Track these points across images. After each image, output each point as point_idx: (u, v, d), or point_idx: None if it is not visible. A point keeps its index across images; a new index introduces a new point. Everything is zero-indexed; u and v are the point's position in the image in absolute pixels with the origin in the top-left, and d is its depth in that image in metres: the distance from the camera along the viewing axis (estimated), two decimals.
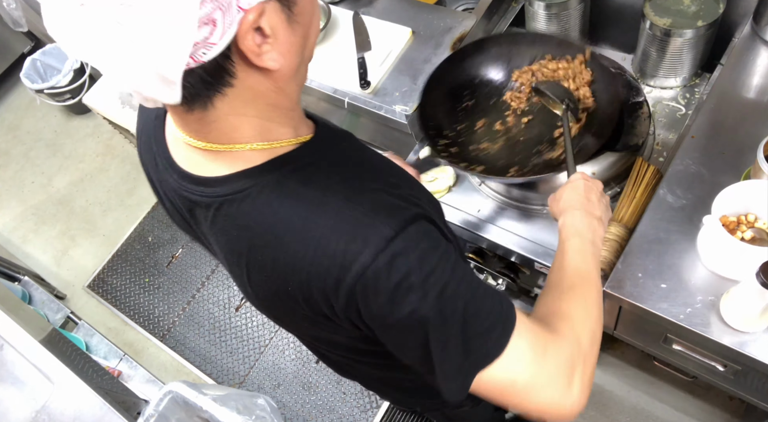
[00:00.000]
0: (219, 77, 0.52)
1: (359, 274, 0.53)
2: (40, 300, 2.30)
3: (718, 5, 1.16)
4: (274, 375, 2.09)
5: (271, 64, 0.52)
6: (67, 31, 0.47)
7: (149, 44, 0.46)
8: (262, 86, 0.55)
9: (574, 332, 0.64)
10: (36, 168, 2.92)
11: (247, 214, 0.58)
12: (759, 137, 0.93)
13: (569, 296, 0.70)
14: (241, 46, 0.50)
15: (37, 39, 3.09)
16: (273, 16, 0.50)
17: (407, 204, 0.57)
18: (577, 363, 0.62)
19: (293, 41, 0.54)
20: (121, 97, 1.75)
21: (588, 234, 0.79)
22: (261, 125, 0.58)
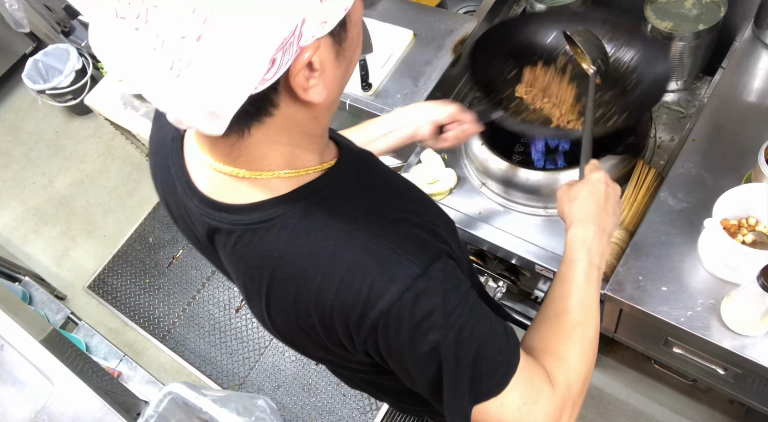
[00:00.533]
0: (262, 108, 0.52)
1: (383, 311, 0.54)
2: (41, 301, 2.30)
3: (719, 9, 1.16)
4: (274, 377, 2.08)
5: (315, 98, 0.52)
6: (113, 52, 0.45)
7: (208, 82, 0.44)
8: (299, 116, 0.55)
9: (568, 380, 0.65)
10: (37, 169, 2.92)
11: (271, 244, 0.57)
12: (760, 141, 0.94)
13: (569, 336, 0.70)
14: (292, 82, 0.50)
15: (39, 40, 3.09)
16: (324, 51, 0.51)
17: (431, 236, 0.58)
18: (566, 410, 0.64)
19: (337, 75, 0.55)
20: (123, 99, 1.75)
21: (596, 258, 0.76)
22: (290, 153, 0.57)
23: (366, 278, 0.54)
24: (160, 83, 0.45)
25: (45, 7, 2.28)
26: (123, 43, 0.44)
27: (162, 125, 0.70)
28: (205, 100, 0.46)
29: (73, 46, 2.64)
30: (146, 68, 0.44)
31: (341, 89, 0.58)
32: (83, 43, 2.51)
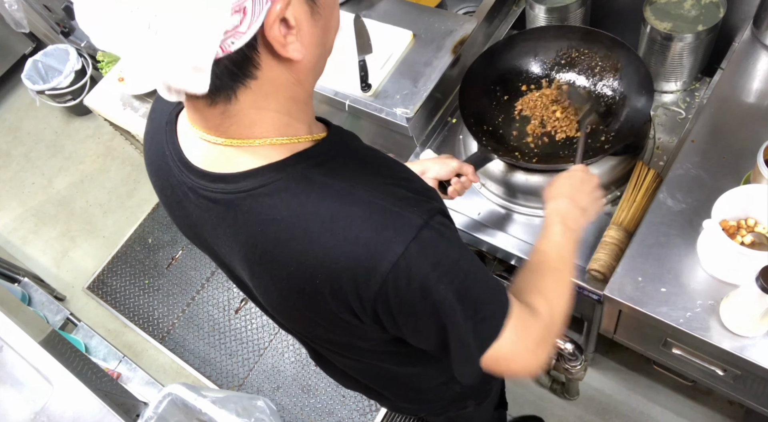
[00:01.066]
0: (245, 68, 0.53)
1: (393, 263, 0.55)
2: (40, 302, 2.29)
3: (718, 10, 1.16)
4: (274, 378, 2.08)
5: (295, 55, 0.54)
6: (97, 23, 0.48)
7: (182, 33, 0.46)
8: (283, 78, 0.56)
9: (549, 311, 0.72)
10: (36, 169, 2.92)
11: (273, 207, 0.57)
12: (759, 142, 0.94)
13: (549, 277, 0.78)
14: (268, 36, 0.51)
15: (39, 40, 3.09)
16: (297, 7, 0.52)
17: (425, 198, 0.60)
18: (548, 336, 0.71)
19: (315, 33, 0.56)
20: (122, 99, 1.75)
21: (570, 223, 0.86)
22: (280, 120, 0.59)
23: (372, 232, 0.55)
24: (143, 44, 0.47)
25: (44, 8, 2.28)
26: (105, 12, 0.47)
27: (156, 116, 0.72)
28: (183, 54, 0.48)
29: (73, 47, 2.64)
30: (128, 32, 0.47)
31: (322, 49, 0.59)
32: (83, 44, 2.51)
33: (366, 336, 0.68)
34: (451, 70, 1.31)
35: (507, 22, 1.46)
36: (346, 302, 0.59)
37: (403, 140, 1.34)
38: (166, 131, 0.68)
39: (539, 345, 0.69)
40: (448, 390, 0.95)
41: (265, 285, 0.63)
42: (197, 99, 0.55)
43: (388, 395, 0.98)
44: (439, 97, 1.33)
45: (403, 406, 1.06)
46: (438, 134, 1.36)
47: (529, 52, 1.27)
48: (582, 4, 1.29)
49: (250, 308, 2.24)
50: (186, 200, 0.66)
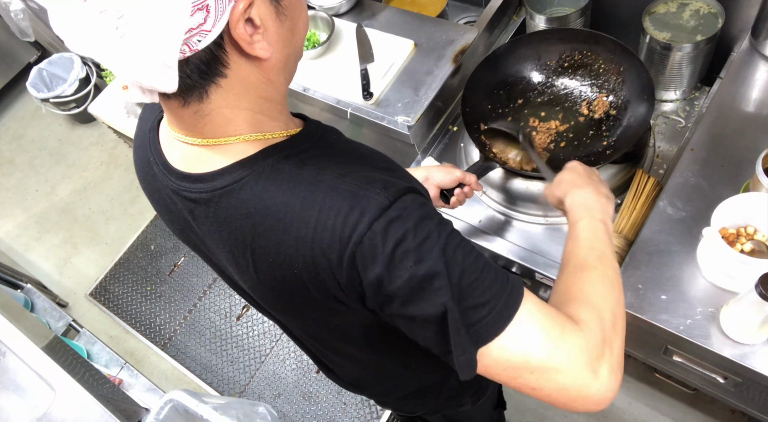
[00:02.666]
0: (213, 66, 0.54)
1: (356, 243, 0.55)
2: (42, 308, 2.30)
3: (716, 20, 1.18)
4: (275, 385, 2.08)
5: (261, 53, 0.55)
6: (69, 27, 0.50)
7: (146, 29, 0.48)
8: (253, 77, 0.58)
9: (594, 315, 0.61)
10: (40, 176, 2.94)
11: (246, 202, 0.59)
12: (758, 150, 0.94)
13: (586, 278, 0.67)
14: (234, 34, 0.52)
15: (44, 49, 3.12)
16: (262, 7, 0.54)
17: (400, 180, 0.59)
18: (603, 347, 0.58)
19: (281, 33, 0.57)
20: (126, 107, 1.76)
21: (598, 213, 0.77)
22: (253, 118, 0.60)
23: (338, 216, 0.55)
24: (111, 46, 0.49)
25: None
26: (76, 16, 0.49)
27: (142, 125, 0.73)
28: (148, 52, 0.49)
29: (77, 55, 2.67)
30: (97, 35, 0.49)
31: (290, 50, 0.60)
32: None
33: (359, 320, 0.67)
34: (452, 79, 1.33)
35: (507, 31, 1.48)
36: (326, 288, 0.59)
37: (405, 147, 1.35)
38: (149, 138, 0.70)
39: (595, 358, 0.57)
40: (445, 385, 0.95)
41: (251, 280, 0.64)
42: (171, 99, 0.57)
43: (386, 393, 0.98)
44: (440, 105, 1.34)
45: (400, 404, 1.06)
46: (439, 142, 1.37)
47: (532, 55, 1.27)
48: (582, 13, 1.30)
49: (251, 315, 2.25)
50: (172, 203, 0.68)
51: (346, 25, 1.49)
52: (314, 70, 1.43)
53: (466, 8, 1.71)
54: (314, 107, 1.43)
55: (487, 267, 0.58)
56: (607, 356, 0.58)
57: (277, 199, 0.57)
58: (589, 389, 0.56)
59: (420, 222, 0.55)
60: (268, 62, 0.58)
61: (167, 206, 0.69)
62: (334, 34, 1.45)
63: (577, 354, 0.56)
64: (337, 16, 1.51)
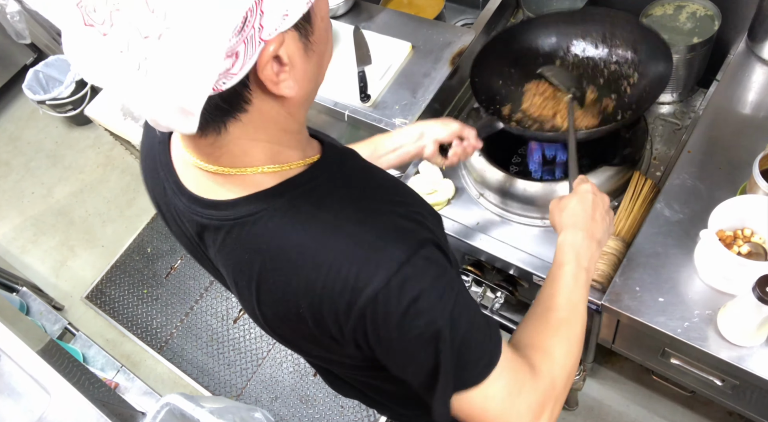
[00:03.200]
0: (235, 104, 0.53)
1: (371, 298, 0.54)
2: (38, 311, 2.29)
3: (713, 22, 1.18)
4: (272, 388, 2.08)
5: (287, 92, 0.53)
6: (86, 59, 0.47)
7: (173, 77, 0.46)
8: (274, 111, 0.56)
9: (552, 373, 0.66)
10: (36, 179, 2.93)
11: (259, 237, 0.58)
12: (754, 152, 0.94)
13: (555, 332, 0.71)
14: (261, 76, 0.51)
15: (40, 51, 3.11)
16: (291, 44, 0.51)
17: (416, 225, 0.59)
18: (548, 403, 0.65)
19: (308, 69, 0.56)
20: (122, 109, 1.76)
21: (584, 261, 0.79)
22: (271, 149, 0.59)
23: (353, 266, 0.55)
24: (131, 84, 0.47)
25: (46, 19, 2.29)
26: (93, 50, 0.46)
27: (150, 130, 0.72)
28: (173, 97, 0.47)
29: None
30: (117, 71, 0.46)
31: (314, 85, 0.59)
32: None
33: (351, 356, 0.67)
34: (450, 81, 1.33)
35: None
36: (328, 330, 0.59)
37: None
38: (159, 150, 0.68)
39: (537, 414, 0.63)
40: None
41: (252, 308, 0.64)
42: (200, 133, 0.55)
43: (384, 403, 0.97)
44: (437, 107, 1.34)
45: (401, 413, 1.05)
46: None
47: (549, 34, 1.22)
48: None
49: (248, 318, 2.24)
50: (180, 222, 0.67)
51: (344, 27, 1.49)
52: None
53: (463, 10, 1.71)
54: (312, 110, 1.43)
55: (482, 326, 0.62)
56: (548, 411, 0.65)
57: (292, 240, 0.57)
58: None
59: (435, 281, 0.57)
60: (293, 99, 0.56)
61: (175, 220, 0.68)
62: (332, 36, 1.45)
63: (526, 412, 0.63)
64: (334, 19, 1.51)
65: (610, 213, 0.88)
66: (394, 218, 0.59)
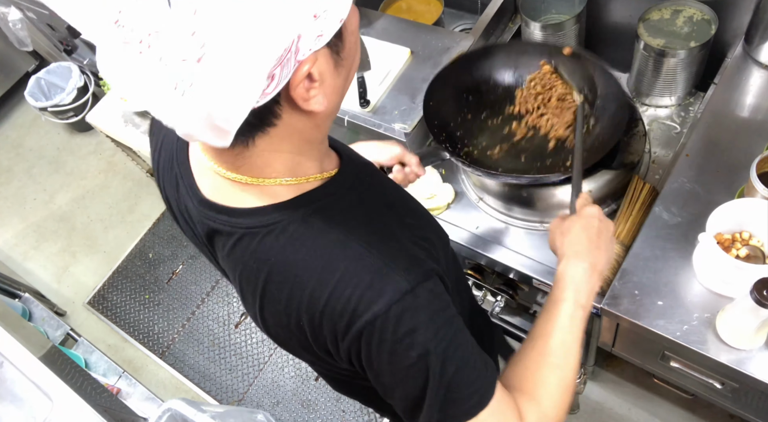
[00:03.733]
0: (265, 119, 0.54)
1: (369, 322, 0.55)
2: (40, 317, 2.30)
3: (710, 26, 1.18)
4: (273, 393, 2.08)
5: (316, 108, 0.54)
6: (121, 76, 0.47)
7: (212, 99, 0.46)
8: (301, 124, 0.57)
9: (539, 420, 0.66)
10: (38, 185, 2.94)
11: (268, 249, 0.59)
12: (752, 156, 0.95)
13: (546, 379, 0.70)
14: (293, 94, 0.52)
15: (42, 58, 3.13)
16: (323, 62, 0.52)
17: (424, 254, 0.60)
18: None
19: (337, 84, 0.57)
20: (123, 116, 1.77)
21: (583, 298, 0.75)
22: (292, 160, 0.59)
23: (356, 289, 0.56)
24: (166, 102, 0.47)
25: (48, 26, 2.31)
26: (129, 67, 0.46)
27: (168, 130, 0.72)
28: (209, 117, 0.48)
29: (75, 64, 2.67)
30: (152, 89, 0.46)
31: (341, 97, 0.60)
32: (85, 62, 2.54)
33: (346, 369, 0.68)
34: None
35: (503, 38, 1.48)
36: (324, 345, 0.61)
37: None
38: (177, 146, 0.69)
39: None
40: None
41: (255, 313, 0.65)
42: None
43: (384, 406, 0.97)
44: None
45: None
46: None
47: (509, 64, 1.20)
48: (577, 21, 1.31)
49: (250, 322, 2.24)
50: (189, 220, 0.68)
51: None
52: None
53: (462, 16, 1.72)
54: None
55: (477, 365, 0.61)
56: None
57: (300, 255, 0.58)
58: None
59: (434, 316, 0.57)
60: (321, 113, 0.57)
61: (184, 218, 0.69)
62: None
63: None
64: None
65: (613, 240, 0.84)
66: (403, 242, 0.60)
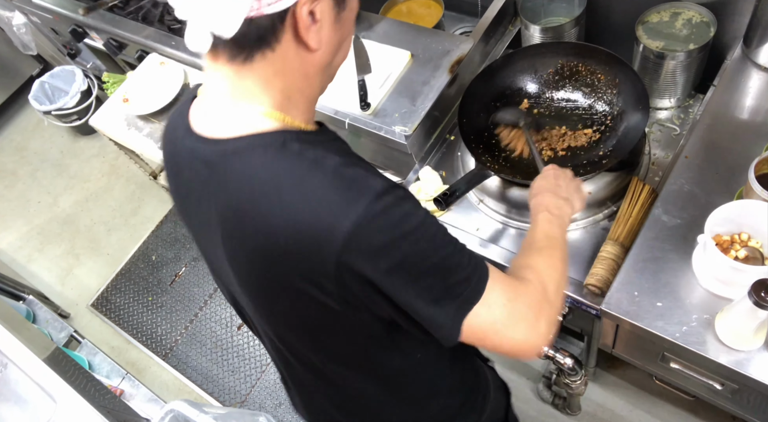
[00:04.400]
0: (267, 36, 0.60)
1: (354, 222, 0.58)
2: (44, 319, 2.31)
3: (708, 29, 1.19)
4: (276, 394, 2.08)
5: (312, 42, 0.61)
6: None
7: None
8: (295, 63, 0.63)
9: (540, 280, 0.72)
10: (42, 188, 2.96)
11: (248, 164, 0.63)
12: (751, 157, 0.95)
13: (537, 253, 0.79)
14: (297, 13, 0.59)
15: (46, 62, 3.15)
16: (326, 7, 0.61)
17: None
18: (543, 304, 0.69)
19: (332, 38, 0.65)
20: (126, 119, 1.78)
21: (554, 210, 0.88)
22: (282, 99, 0.65)
23: (335, 194, 0.59)
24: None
25: (52, 31, 2.32)
26: None
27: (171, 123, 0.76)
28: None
29: (79, 68, 2.69)
30: None
31: (331, 60, 0.67)
32: (89, 65, 2.55)
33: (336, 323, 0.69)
34: (449, 88, 1.34)
35: (503, 41, 1.49)
36: (309, 267, 0.61)
37: (403, 157, 1.36)
38: (179, 111, 0.73)
39: (536, 314, 0.67)
40: (439, 406, 0.91)
41: (235, 251, 0.66)
42: (219, 53, 0.62)
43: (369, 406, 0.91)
44: (437, 115, 1.35)
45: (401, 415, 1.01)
46: (436, 151, 1.38)
47: (529, 68, 1.30)
48: (576, 23, 1.32)
49: None
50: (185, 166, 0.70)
51: None
52: None
53: (462, 19, 1.72)
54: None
55: (462, 248, 0.66)
56: (546, 312, 0.69)
57: (280, 169, 0.61)
58: (531, 340, 0.67)
59: (414, 210, 0.62)
60: (312, 56, 0.64)
61: (179, 171, 0.72)
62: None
63: (525, 312, 0.67)
64: None
65: (575, 180, 0.98)
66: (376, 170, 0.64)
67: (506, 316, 0.66)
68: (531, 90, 1.31)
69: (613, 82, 1.21)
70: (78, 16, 1.91)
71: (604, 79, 1.22)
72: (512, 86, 1.31)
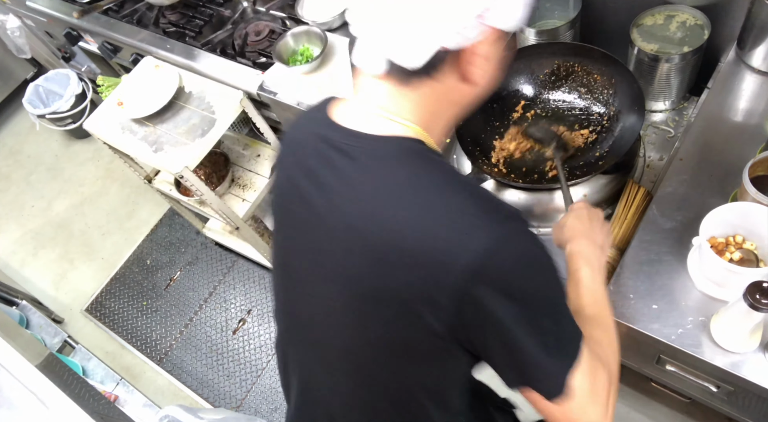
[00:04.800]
0: (438, 65, 0.63)
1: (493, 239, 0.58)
2: (38, 324, 2.29)
3: (703, 32, 1.19)
4: (272, 399, 2.07)
5: (477, 79, 0.65)
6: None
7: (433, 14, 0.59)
8: (453, 93, 0.68)
9: (606, 358, 0.69)
10: (36, 192, 2.94)
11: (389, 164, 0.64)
12: (745, 159, 0.95)
13: (596, 324, 0.75)
14: (474, 52, 0.62)
15: (40, 65, 3.13)
16: (499, 47, 0.65)
17: None
18: (611, 387, 0.67)
19: (490, 75, 0.68)
20: (121, 123, 1.77)
21: (595, 263, 0.84)
22: (429, 118, 0.68)
23: (478, 209, 0.60)
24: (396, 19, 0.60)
25: (46, 34, 2.32)
26: None
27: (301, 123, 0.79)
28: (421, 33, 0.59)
29: (74, 72, 2.68)
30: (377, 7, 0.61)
31: (476, 96, 0.70)
32: (83, 69, 2.54)
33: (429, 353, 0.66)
34: None
35: None
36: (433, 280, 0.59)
37: None
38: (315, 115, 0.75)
39: (607, 397, 0.65)
40: None
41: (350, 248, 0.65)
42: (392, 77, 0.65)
43: None
44: None
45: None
46: None
47: (525, 69, 1.29)
48: (571, 26, 1.32)
49: (247, 328, 2.24)
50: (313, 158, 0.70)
51: (339, 40, 1.50)
52: (308, 85, 1.44)
53: None
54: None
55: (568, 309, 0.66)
56: (613, 394, 0.67)
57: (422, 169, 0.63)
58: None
59: (545, 249, 0.63)
60: (470, 89, 0.68)
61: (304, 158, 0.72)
62: (327, 49, 1.47)
63: (601, 392, 0.64)
64: (330, 31, 1.53)
65: (606, 223, 0.95)
66: None
67: (588, 391, 0.63)
68: (527, 91, 1.30)
69: (609, 83, 1.21)
70: (72, 19, 1.90)
71: (600, 79, 1.22)
72: (509, 87, 1.30)
